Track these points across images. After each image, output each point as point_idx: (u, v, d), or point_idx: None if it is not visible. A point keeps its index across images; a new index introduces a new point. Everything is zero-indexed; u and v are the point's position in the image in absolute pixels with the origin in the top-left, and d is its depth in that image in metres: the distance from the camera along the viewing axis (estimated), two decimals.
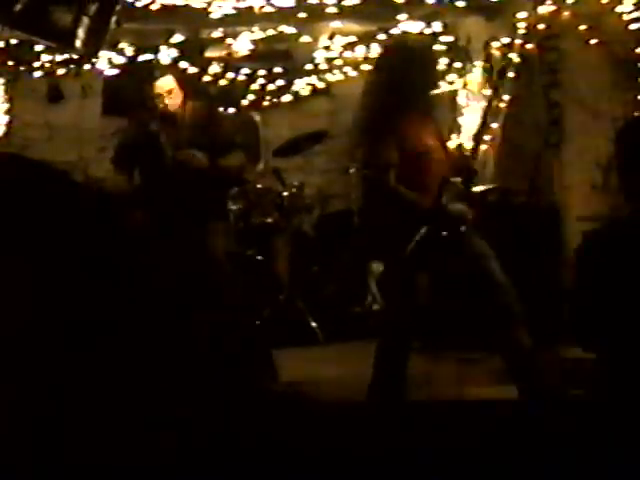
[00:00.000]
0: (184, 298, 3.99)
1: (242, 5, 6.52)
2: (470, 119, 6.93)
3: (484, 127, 4.44)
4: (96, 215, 3.47)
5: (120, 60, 7.19)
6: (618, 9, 6.12)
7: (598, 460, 3.07)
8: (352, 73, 7.88)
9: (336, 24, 7.16)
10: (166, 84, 5.31)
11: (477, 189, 4.62)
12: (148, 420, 3.15)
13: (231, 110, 7.86)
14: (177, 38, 7.02)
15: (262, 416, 3.85)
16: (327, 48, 7.55)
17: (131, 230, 3.69)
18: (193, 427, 3.30)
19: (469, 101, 7.32)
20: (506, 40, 6.82)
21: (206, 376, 3.63)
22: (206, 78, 7.61)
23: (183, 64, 7.18)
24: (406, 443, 3.57)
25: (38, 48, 6.95)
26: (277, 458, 3.33)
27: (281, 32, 7.03)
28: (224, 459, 3.26)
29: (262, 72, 7.95)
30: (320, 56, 7.70)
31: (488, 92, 7.13)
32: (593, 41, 6.23)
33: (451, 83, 7.38)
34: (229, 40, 7.22)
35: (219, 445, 3.34)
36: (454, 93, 7.38)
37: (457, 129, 7.08)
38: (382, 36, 7.18)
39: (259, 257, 6.65)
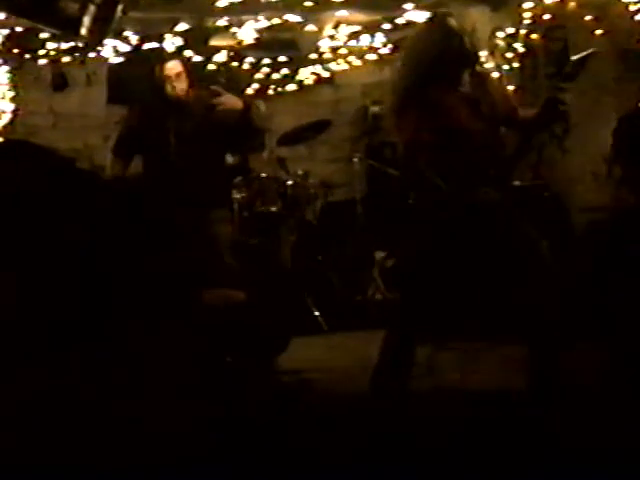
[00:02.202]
0: (186, 286, 4.00)
1: None
2: None
3: None
4: (103, 202, 3.48)
5: (125, 48, 7.21)
6: (624, 0, 6.12)
7: (600, 458, 3.08)
8: (356, 62, 7.89)
9: (341, 13, 7.17)
10: (174, 67, 5.31)
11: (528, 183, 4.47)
12: (148, 415, 3.16)
13: None
14: (182, 27, 7.03)
15: (264, 405, 3.86)
16: (332, 37, 7.56)
17: (136, 218, 3.69)
18: (193, 421, 3.31)
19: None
20: (511, 30, 6.82)
21: (207, 368, 3.64)
22: (211, 67, 7.62)
23: (188, 52, 7.19)
24: (409, 433, 3.58)
25: (43, 36, 6.96)
26: (278, 448, 3.34)
27: (286, 21, 7.04)
28: (227, 451, 3.27)
29: (267, 61, 7.95)
30: (325, 45, 7.71)
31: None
32: (599, 32, 6.22)
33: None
34: (234, 29, 7.22)
35: (221, 437, 3.35)
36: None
37: None
38: (387, 25, 7.19)
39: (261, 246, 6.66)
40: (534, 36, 6.61)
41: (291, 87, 8.25)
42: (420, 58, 3.98)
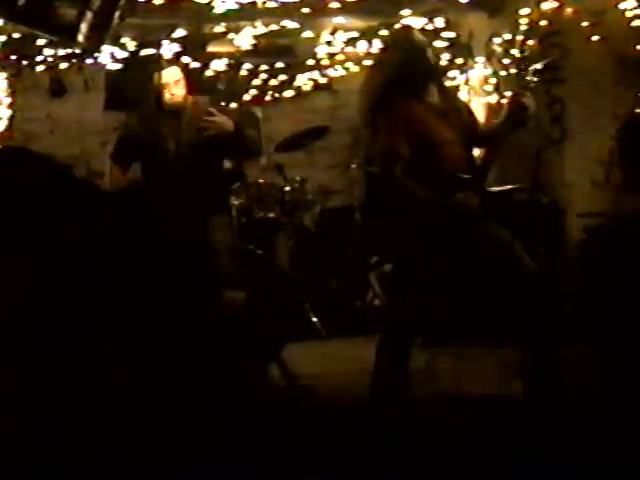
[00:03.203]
0: (184, 293, 3.99)
1: (245, 0, 6.52)
2: None
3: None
4: (98, 209, 3.48)
5: (122, 54, 7.21)
6: (621, 6, 6.13)
7: (599, 459, 3.09)
8: (354, 69, 7.89)
9: (338, 19, 7.17)
10: (173, 74, 5.31)
11: (502, 188, 4.54)
12: (148, 417, 3.16)
13: (233, 105, 7.86)
14: (179, 33, 7.03)
15: (262, 411, 3.86)
16: (329, 43, 7.57)
17: (132, 224, 3.69)
18: (193, 423, 3.30)
19: (471, 97, 7.34)
20: (508, 36, 6.83)
21: (205, 372, 3.64)
22: (208, 73, 7.63)
23: (185, 59, 7.19)
24: (406, 439, 3.58)
25: (41, 42, 6.96)
26: (277, 453, 3.34)
27: (283, 27, 7.04)
28: (227, 451, 3.26)
29: (264, 67, 7.96)
30: (322, 51, 7.72)
31: (490, 88, 7.17)
32: (596, 38, 6.23)
33: (453, 79, 7.40)
34: (232, 35, 7.23)
35: (221, 440, 3.35)
36: (456, 89, 7.38)
37: None
38: (384, 32, 7.19)
39: (259, 252, 6.66)
40: (531, 42, 6.61)
41: (288, 93, 8.25)
42: (387, 72, 4.07)
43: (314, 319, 6.52)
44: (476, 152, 4.29)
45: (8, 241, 3.25)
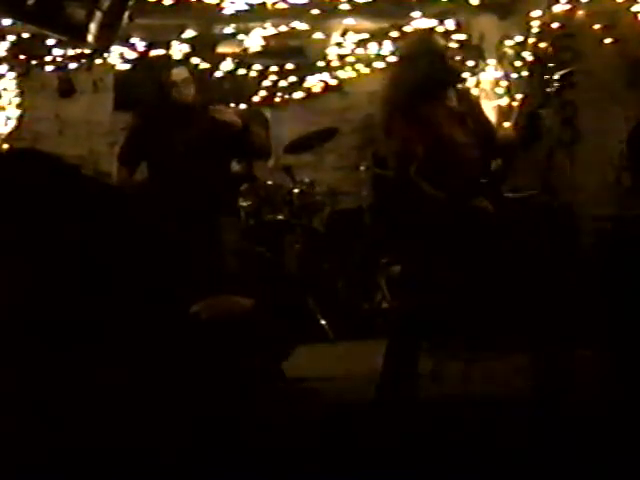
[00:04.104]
0: (192, 294, 3.98)
1: (255, 1, 6.52)
2: None
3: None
4: (106, 209, 3.47)
5: (132, 55, 7.21)
6: (633, 8, 6.09)
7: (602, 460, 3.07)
8: (364, 70, 7.88)
9: (349, 21, 7.17)
10: (181, 73, 5.31)
11: (518, 195, 4.54)
12: (148, 416, 3.15)
13: (242, 106, 7.86)
14: (189, 33, 7.03)
15: (268, 413, 3.85)
16: (339, 45, 7.57)
17: (141, 225, 3.68)
18: (194, 423, 3.29)
19: (482, 100, 7.31)
20: (519, 39, 6.81)
21: (211, 373, 3.62)
22: (218, 74, 7.63)
23: (195, 60, 7.19)
24: (413, 442, 3.57)
25: (50, 42, 6.97)
26: (283, 455, 3.33)
27: (294, 28, 7.04)
28: (229, 456, 3.25)
29: (274, 68, 7.95)
30: (332, 53, 7.71)
31: (501, 90, 7.15)
32: (607, 40, 6.19)
33: (464, 81, 7.37)
34: (241, 36, 7.22)
35: (224, 442, 3.34)
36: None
37: None
38: (395, 33, 7.19)
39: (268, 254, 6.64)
40: (543, 44, 6.59)
41: (298, 94, 8.24)
42: (407, 76, 4.09)
43: (322, 321, 6.50)
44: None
45: (14, 241, 3.24)
